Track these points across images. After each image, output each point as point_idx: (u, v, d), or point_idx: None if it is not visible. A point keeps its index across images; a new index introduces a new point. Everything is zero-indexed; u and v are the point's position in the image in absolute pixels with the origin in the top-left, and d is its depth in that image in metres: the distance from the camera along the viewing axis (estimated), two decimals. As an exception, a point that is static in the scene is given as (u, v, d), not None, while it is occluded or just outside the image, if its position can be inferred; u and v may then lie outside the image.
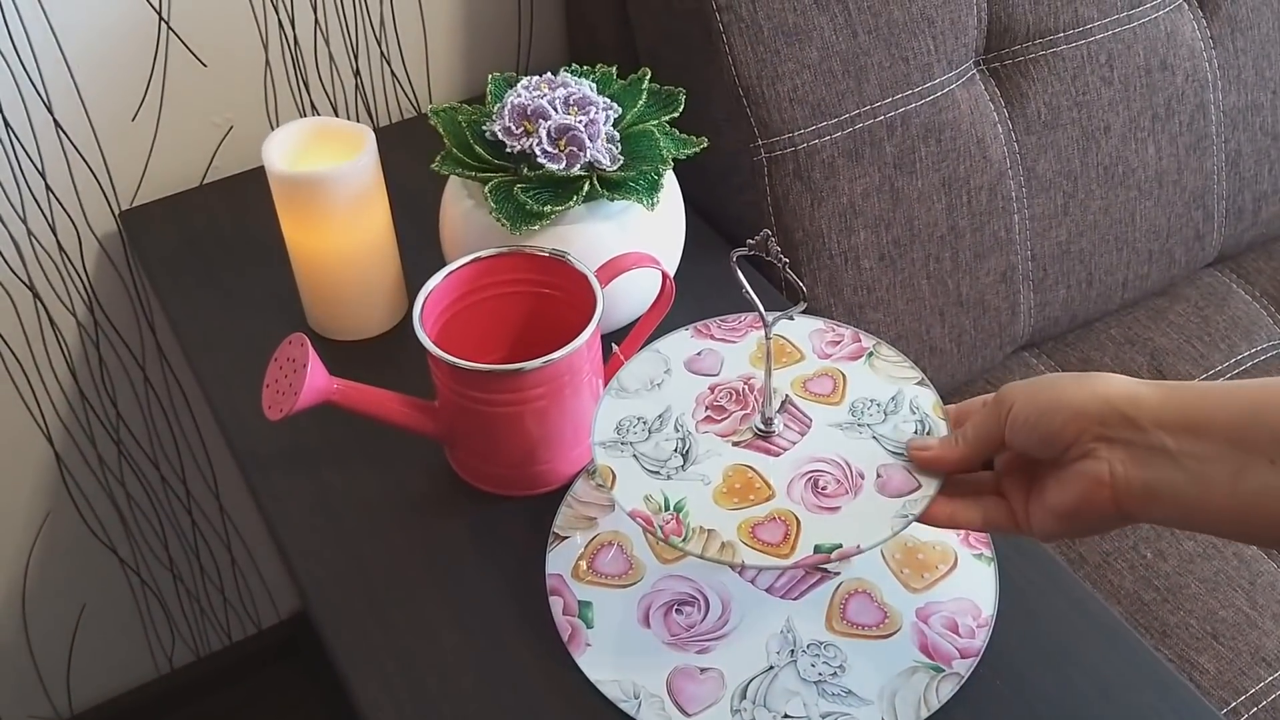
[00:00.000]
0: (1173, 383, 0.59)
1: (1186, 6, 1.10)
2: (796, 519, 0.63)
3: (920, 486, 0.64)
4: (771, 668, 0.69)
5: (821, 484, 0.65)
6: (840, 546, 0.62)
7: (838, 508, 0.64)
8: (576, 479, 0.79)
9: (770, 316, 0.66)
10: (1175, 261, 1.16)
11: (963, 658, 0.69)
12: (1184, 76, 1.09)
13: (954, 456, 0.64)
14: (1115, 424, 0.58)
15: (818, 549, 0.62)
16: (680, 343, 0.73)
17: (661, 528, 0.63)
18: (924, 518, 0.64)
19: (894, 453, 0.66)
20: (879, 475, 0.65)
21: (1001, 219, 1.05)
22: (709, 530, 0.63)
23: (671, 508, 0.64)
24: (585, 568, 0.74)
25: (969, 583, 0.73)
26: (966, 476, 0.66)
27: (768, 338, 0.67)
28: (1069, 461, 0.60)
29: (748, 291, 0.66)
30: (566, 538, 0.76)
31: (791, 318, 0.67)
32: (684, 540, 0.63)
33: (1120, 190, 1.09)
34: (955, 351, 1.07)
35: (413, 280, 0.90)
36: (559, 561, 0.74)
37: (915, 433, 0.67)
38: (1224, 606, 0.94)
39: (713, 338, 0.73)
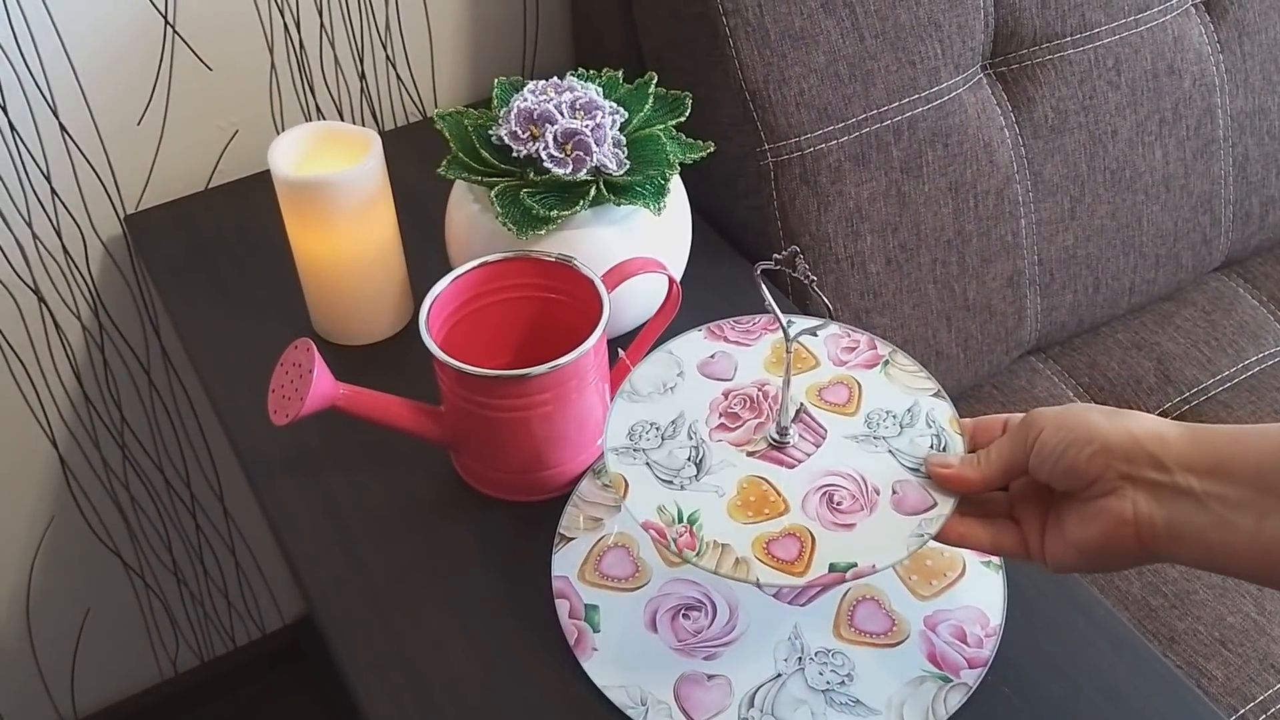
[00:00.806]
0: (1202, 425, 0.59)
1: (1194, 11, 1.10)
2: (811, 535, 0.62)
3: (936, 504, 0.63)
4: (779, 675, 0.68)
5: (837, 499, 0.64)
6: (855, 566, 0.61)
7: (853, 525, 0.63)
8: (583, 478, 0.78)
9: (787, 319, 0.66)
10: (1182, 266, 1.15)
11: (971, 667, 0.69)
12: (1191, 81, 1.09)
13: (975, 478, 0.63)
14: (1141, 462, 0.58)
15: (833, 568, 0.61)
16: (693, 344, 0.72)
17: (675, 541, 0.63)
18: (935, 535, 0.63)
19: (910, 468, 0.65)
20: (894, 491, 0.64)
21: (1008, 223, 1.04)
22: (723, 545, 0.62)
23: (685, 520, 0.63)
24: (591, 570, 0.74)
25: (977, 590, 0.72)
26: (980, 496, 0.65)
27: (788, 352, 0.66)
28: (1092, 497, 0.59)
29: (771, 305, 0.65)
30: (572, 539, 0.75)
31: (815, 334, 0.66)
32: (698, 555, 0.62)
33: (1127, 195, 1.09)
34: (962, 356, 1.06)
35: (418, 285, 0.89)
36: (565, 563, 0.74)
37: (932, 448, 0.66)
38: (1232, 613, 0.94)
39: (726, 340, 0.73)
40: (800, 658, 0.69)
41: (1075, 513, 0.60)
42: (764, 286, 0.65)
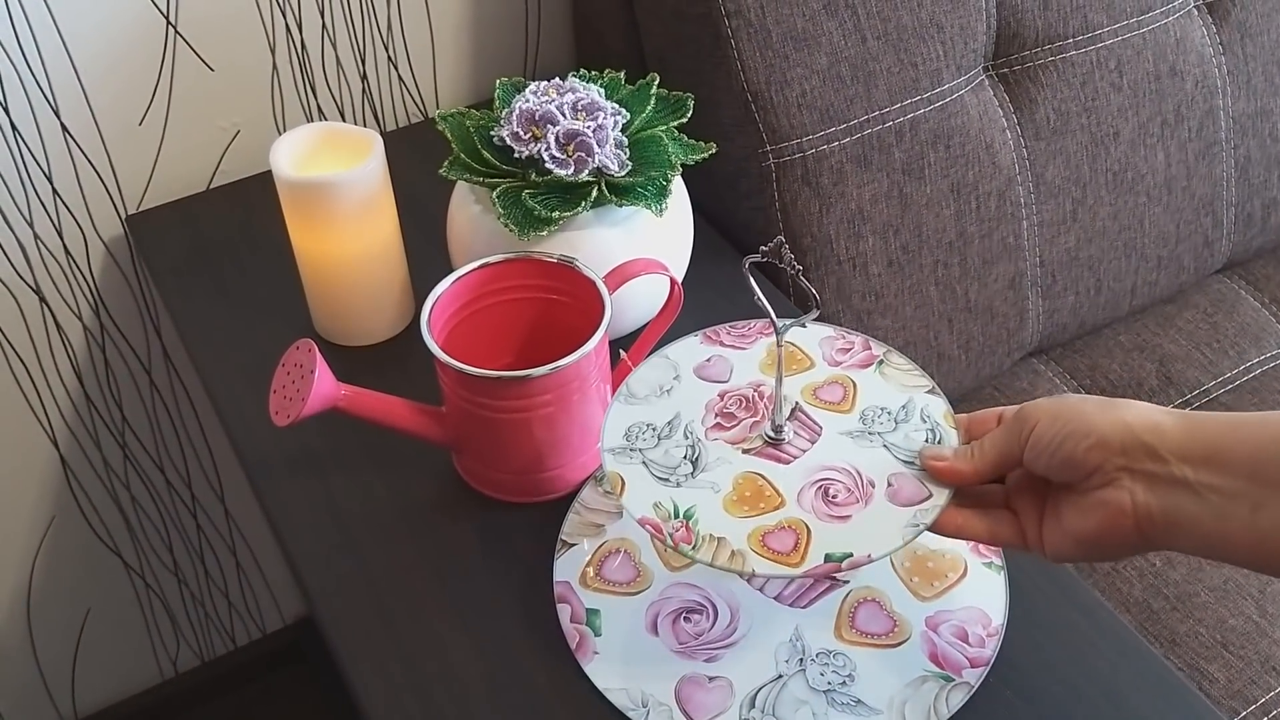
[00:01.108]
0: (1197, 413, 0.59)
1: (1196, 13, 1.09)
2: (807, 527, 0.63)
3: (931, 495, 0.64)
4: (780, 676, 0.69)
5: (832, 492, 0.64)
6: (851, 556, 0.61)
7: (848, 516, 0.63)
8: (584, 486, 0.78)
9: (782, 323, 0.66)
10: (1184, 268, 1.15)
11: (972, 667, 0.69)
12: (1193, 83, 1.09)
13: (968, 470, 0.64)
14: (1137, 454, 0.58)
15: (828, 558, 0.61)
16: (690, 349, 0.73)
17: (671, 535, 0.63)
18: (932, 526, 0.64)
19: (905, 461, 0.66)
20: (890, 484, 0.65)
21: (1010, 225, 1.04)
22: (719, 538, 0.62)
23: (681, 515, 0.64)
24: (593, 575, 0.74)
25: (979, 591, 0.72)
26: (976, 488, 0.66)
27: (779, 345, 0.66)
28: (1089, 488, 0.59)
29: (759, 298, 0.65)
30: (574, 545, 0.75)
31: (804, 325, 0.66)
32: (693, 548, 0.62)
33: (1129, 196, 1.09)
34: (963, 358, 1.06)
35: (420, 286, 0.89)
36: (566, 569, 0.74)
37: (926, 441, 0.67)
38: (1234, 615, 0.94)
39: (722, 344, 0.73)
40: (801, 659, 0.69)
41: (1073, 504, 0.60)
42: (752, 280, 0.66)
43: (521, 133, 0.80)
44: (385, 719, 0.69)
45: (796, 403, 0.69)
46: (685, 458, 0.66)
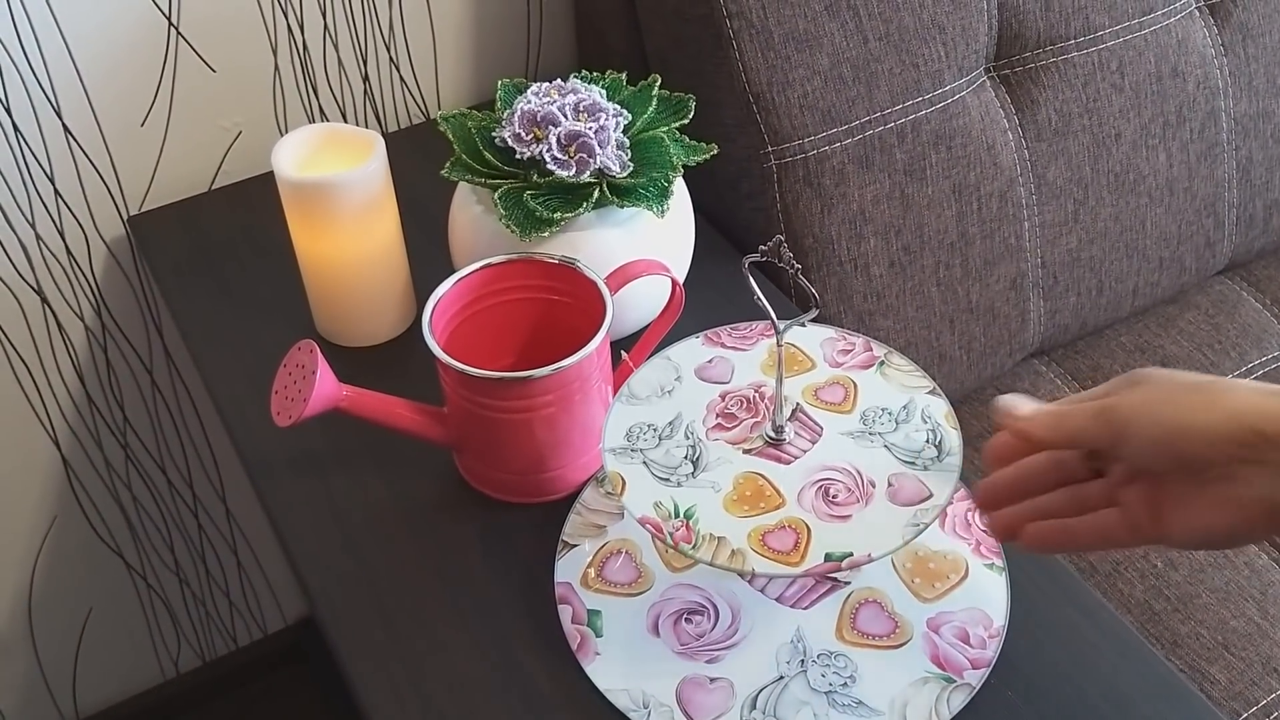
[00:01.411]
0: None
1: (1198, 14, 1.09)
2: (807, 527, 0.63)
3: (931, 495, 0.64)
4: (781, 678, 0.69)
5: (832, 492, 0.65)
6: (851, 555, 0.61)
7: (849, 516, 0.63)
8: (586, 486, 0.79)
9: (782, 323, 0.66)
10: (1186, 269, 1.15)
11: (974, 668, 0.69)
12: (1195, 84, 1.09)
13: (1041, 436, 0.61)
14: (1254, 444, 0.55)
15: (828, 557, 0.61)
16: (691, 350, 0.73)
17: (671, 535, 0.63)
18: (1034, 545, 0.61)
19: (906, 461, 0.66)
20: (890, 484, 0.65)
21: (1012, 226, 1.04)
22: (719, 538, 0.63)
23: (681, 515, 0.64)
24: (594, 576, 0.74)
25: (980, 592, 0.72)
26: (1077, 491, 0.63)
27: (779, 344, 0.66)
28: (1209, 480, 0.57)
29: (759, 298, 0.65)
30: (575, 545, 0.75)
31: (804, 324, 0.66)
32: (694, 547, 0.62)
33: (1131, 197, 1.09)
34: (965, 359, 1.06)
35: (421, 286, 0.89)
36: (568, 569, 0.74)
37: (928, 442, 0.67)
38: (1235, 616, 0.94)
39: (724, 345, 0.73)
40: (803, 660, 0.69)
41: (1199, 497, 0.57)
42: (751, 280, 0.66)
43: (523, 134, 0.80)
44: (385, 718, 0.69)
45: (797, 403, 0.69)
46: (686, 458, 0.67)
